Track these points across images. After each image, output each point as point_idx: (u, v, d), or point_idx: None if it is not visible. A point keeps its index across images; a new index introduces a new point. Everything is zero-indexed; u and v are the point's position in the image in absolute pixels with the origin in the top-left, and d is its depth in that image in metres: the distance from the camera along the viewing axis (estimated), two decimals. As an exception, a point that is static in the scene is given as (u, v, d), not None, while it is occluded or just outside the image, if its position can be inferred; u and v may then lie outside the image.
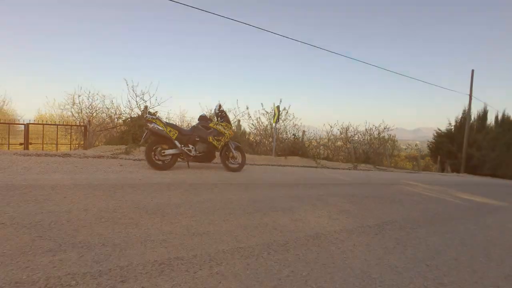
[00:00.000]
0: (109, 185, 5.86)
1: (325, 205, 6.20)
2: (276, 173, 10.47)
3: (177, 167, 9.02)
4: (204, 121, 9.49)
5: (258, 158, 14.25)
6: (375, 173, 15.04)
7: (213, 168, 9.61)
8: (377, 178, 12.56)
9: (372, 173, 15.15)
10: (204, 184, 6.96)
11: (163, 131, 8.41)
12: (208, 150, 9.16)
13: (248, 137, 18.48)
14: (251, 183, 7.75)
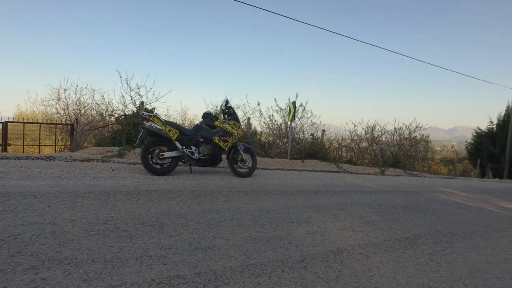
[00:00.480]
0: (100, 193, 5.87)
1: (348, 215, 6.15)
2: (292, 179, 10.44)
3: (178, 172, 9.02)
4: (209, 119, 9.49)
5: (271, 161, 14.23)
6: (405, 179, 14.93)
7: (219, 173, 9.59)
8: (407, 185, 12.47)
9: (402, 178, 15.05)
10: (208, 191, 6.95)
11: (161, 131, 8.40)
12: (214, 152, 9.16)
13: (259, 138, 18.47)
14: (263, 190, 7.72)
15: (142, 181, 7.35)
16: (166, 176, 8.22)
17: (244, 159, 9.73)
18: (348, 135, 22.00)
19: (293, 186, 8.88)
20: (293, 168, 13.51)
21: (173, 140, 8.55)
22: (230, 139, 9.44)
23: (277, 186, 8.65)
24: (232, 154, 9.65)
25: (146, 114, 8.51)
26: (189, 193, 6.51)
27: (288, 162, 14.84)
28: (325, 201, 7.33)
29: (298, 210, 6.09)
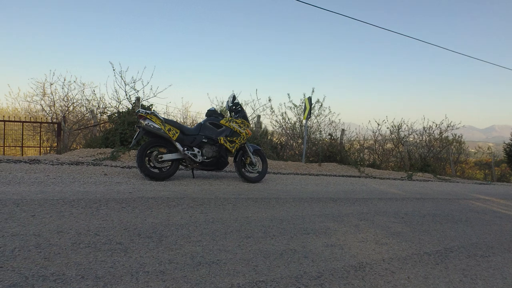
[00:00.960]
0: (90, 200, 5.88)
1: (371, 226, 6.12)
2: (307, 184, 10.43)
3: (179, 176, 9.03)
4: (213, 117, 9.49)
5: (283, 165, 14.23)
6: (435, 185, 14.85)
7: (225, 178, 9.59)
8: (437, 191, 12.40)
9: (432, 184, 14.97)
10: (213, 199, 6.94)
11: (160, 130, 8.39)
12: (219, 154, 9.15)
13: (270, 138, 18.47)
14: (275, 198, 7.71)
15: (138, 187, 7.36)
16: (165, 182, 8.23)
17: (254, 162, 9.74)
18: (371, 135, 21.95)
19: (309, 193, 8.87)
20: (308, 173, 13.49)
21: (173, 141, 8.54)
22: (238, 139, 9.43)
23: (291, 192, 8.64)
24: (240, 156, 9.65)
25: (142, 111, 8.47)
26: (191, 201, 6.52)
27: (303, 165, 14.83)
28: (345, 209, 7.30)
29: (314, 220, 6.07)
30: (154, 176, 8.28)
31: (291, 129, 18.91)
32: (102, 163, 9.72)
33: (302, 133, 18.17)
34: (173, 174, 8.58)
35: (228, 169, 11.01)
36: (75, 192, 6.32)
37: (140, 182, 7.82)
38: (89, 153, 11.12)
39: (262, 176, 9.83)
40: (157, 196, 6.63)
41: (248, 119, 9.90)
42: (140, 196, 6.46)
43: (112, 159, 10.53)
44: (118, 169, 9.08)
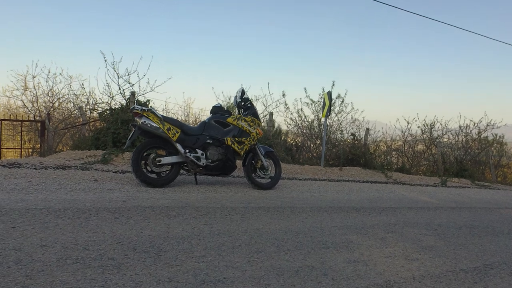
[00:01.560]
0: (79, 210, 5.89)
1: (399, 239, 6.10)
2: (326, 191, 10.43)
3: (180, 182, 9.04)
4: (219, 114, 9.48)
5: (299, 169, 14.22)
6: (473, 192, 14.77)
7: (232, 185, 9.60)
8: (476, 199, 12.36)
9: (469, 191, 14.88)
10: (219, 208, 6.95)
11: (158, 129, 8.38)
12: (226, 157, 9.15)
13: (285, 138, 18.47)
14: (289, 207, 7.71)
15: (134, 194, 7.38)
16: (164, 188, 8.25)
17: (265, 166, 9.73)
18: (399, 135, 21.78)
19: (328, 201, 8.86)
20: (328, 178, 13.48)
21: (173, 142, 8.54)
22: (247, 140, 9.41)
23: (308, 201, 8.64)
24: (249, 159, 9.66)
25: (138, 108, 8.48)
26: (194, 210, 6.52)
27: (322, 170, 14.82)
28: (370, 220, 7.29)
29: (334, 232, 6.06)
30: (152, 182, 8.30)
31: (308, 128, 18.90)
32: (92, 167, 9.75)
33: (320, 133, 18.13)
34: (173, 179, 8.60)
35: (236, 174, 11.02)
36: (61, 200, 6.35)
37: (135, 189, 7.84)
38: (77, 156, 11.16)
39: (275, 182, 9.84)
40: (155, 205, 6.65)
41: (259, 116, 9.89)
42: (135, 205, 6.47)
43: (104, 162, 10.56)
44: (110, 174, 9.11)
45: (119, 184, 8.15)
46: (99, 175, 8.83)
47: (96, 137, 12.92)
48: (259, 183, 9.58)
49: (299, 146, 18.49)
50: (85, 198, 6.66)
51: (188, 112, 19.02)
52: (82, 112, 16.13)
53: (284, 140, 18.22)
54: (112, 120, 12.77)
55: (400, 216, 7.98)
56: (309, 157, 17.97)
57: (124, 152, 11.42)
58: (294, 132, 19.14)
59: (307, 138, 18.89)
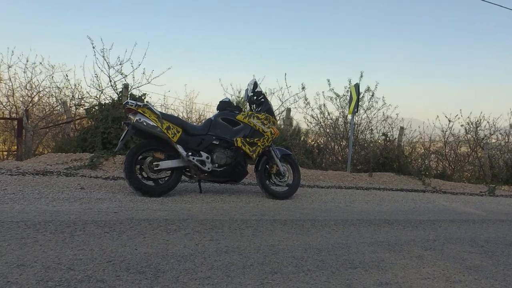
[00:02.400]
0: (62, 223, 5.89)
1: (439, 257, 6.06)
2: (354, 201, 10.42)
3: (181, 190, 9.05)
4: (228, 111, 9.48)
5: (322, 175, 14.22)
6: (530, 202, 14.67)
7: (243, 193, 9.60)
8: (533, 211, 12.25)
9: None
10: (227, 221, 6.94)
11: (156, 128, 8.35)
12: (235, 161, 9.13)
13: (304, 139, 18.45)
14: (310, 220, 7.69)
15: (127, 205, 7.39)
16: (162, 198, 8.26)
17: (282, 171, 9.70)
18: (439, 135, 21.60)
19: (356, 213, 8.84)
20: (355, 186, 13.49)
21: (174, 143, 8.52)
22: (261, 141, 9.37)
23: (331, 212, 8.62)
24: (263, 164, 9.64)
25: (132, 103, 8.44)
26: (197, 224, 6.51)
27: (349, 176, 14.80)
28: (405, 235, 7.26)
29: (363, 250, 6.03)
30: (148, 190, 8.29)
31: (332, 127, 18.87)
32: (77, 173, 9.78)
33: (346, 133, 18.09)
34: (173, 187, 8.61)
35: (247, 181, 11.02)
36: (41, 212, 6.35)
37: (128, 199, 7.85)
38: (60, 160, 11.18)
39: (293, 191, 9.83)
40: (152, 217, 6.64)
41: (274, 113, 9.87)
42: (128, 218, 6.47)
43: (92, 167, 10.58)
44: (100, 181, 9.13)
45: (109, 193, 8.16)
46: (86, 182, 8.85)
47: (83, 138, 12.93)
48: (275, 191, 9.57)
49: (321, 148, 18.48)
50: (69, 210, 6.67)
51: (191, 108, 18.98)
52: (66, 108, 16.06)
53: (304, 141, 18.21)
54: (102, 118, 12.78)
55: (440, 231, 7.94)
56: (333, 161, 17.96)
57: (115, 155, 11.44)
58: (316, 131, 19.13)
59: (331, 138, 18.87)
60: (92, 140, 12.47)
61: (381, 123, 18.81)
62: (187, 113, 18.53)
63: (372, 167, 16.52)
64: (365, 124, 18.70)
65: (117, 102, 13.28)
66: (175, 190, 8.90)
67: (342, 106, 18.52)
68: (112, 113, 12.71)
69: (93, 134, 12.63)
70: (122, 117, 12.38)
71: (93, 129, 12.79)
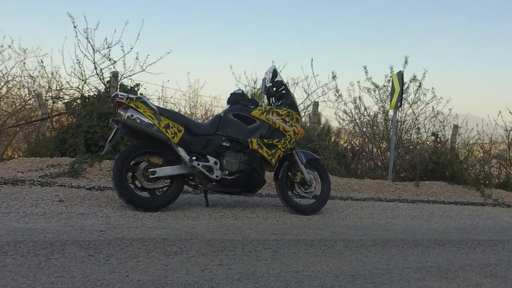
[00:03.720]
0: (37, 244, 5.89)
1: (502, 285, 6.02)
2: (396, 217, 10.43)
3: (183, 203, 9.05)
4: (241, 105, 9.43)
5: (357, 184, 14.23)
6: None
7: (260, 207, 9.60)
8: None
9: None
10: (240, 241, 6.93)
11: (152, 127, 8.29)
12: (250, 167, 9.07)
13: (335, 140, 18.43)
14: (343, 239, 7.67)
15: (116, 221, 7.38)
16: (160, 213, 8.24)
17: (308, 180, 9.64)
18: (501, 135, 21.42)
19: (399, 231, 8.82)
20: (398, 198, 13.47)
21: (174, 145, 8.48)
22: (282, 142, 9.29)
23: (369, 231, 8.61)
24: (284, 171, 9.58)
25: (123, 95, 8.36)
26: (203, 244, 6.50)
27: (390, 186, 14.78)
28: (459, 259, 7.23)
29: (408, 277, 6.00)
30: (143, 203, 8.25)
31: (370, 125, 18.85)
32: (55, 182, 9.80)
33: (387, 132, 18.06)
34: (174, 200, 8.59)
35: (264, 192, 11.02)
36: (10, 230, 6.36)
37: (118, 214, 7.85)
38: (34, 165, 11.18)
39: (321, 204, 9.81)
40: (147, 236, 6.62)
41: (298, 108, 9.85)
42: (118, 237, 6.45)
43: (73, 175, 10.59)
44: (82, 192, 9.15)
45: (94, 207, 8.17)
46: (66, 194, 8.87)
47: (62, 139, 12.94)
48: (299, 205, 9.56)
49: (356, 151, 18.42)
50: (45, 227, 6.67)
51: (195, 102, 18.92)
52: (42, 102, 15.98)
53: (335, 142, 18.19)
54: (85, 114, 12.76)
55: (503, 254, 7.91)
56: (370, 167, 17.94)
57: (102, 160, 11.45)
58: (349, 130, 19.11)
59: (368, 139, 18.86)
60: (73, 142, 12.48)
61: (430, 121, 18.76)
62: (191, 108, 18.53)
63: (419, 174, 16.48)
64: (411, 121, 18.69)
65: (104, 94, 13.28)
66: (176, 203, 8.89)
67: (382, 100, 18.51)
68: (98, 108, 12.68)
69: (74, 134, 12.63)
70: (110, 113, 12.36)
71: (74, 127, 12.78)
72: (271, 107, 9.48)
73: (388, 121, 18.14)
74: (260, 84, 10.23)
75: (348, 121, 18.88)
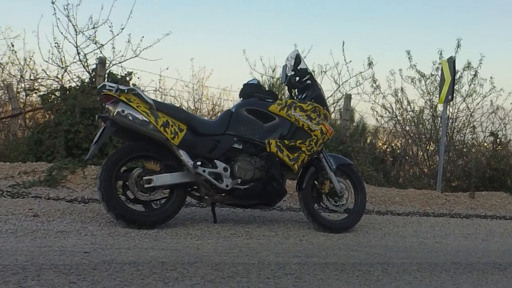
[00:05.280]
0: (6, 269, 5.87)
1: None
2: (447, 235, 10.38)
3: (185, 219, 9.03)
4: (255, 98, 9.31)
5: (398, 195, 14.17)
6: None
7: (279, 223, 9.57)
8: None
9: None
10: (255, 264, 6.88)
11: (147, 125, 8.17)
12: (268, 174, 8.96)
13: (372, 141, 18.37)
14: (381, 263, 7.62)
15: (103, 241, 7.35)
16: (158, 230, 8.20)
17: (338, 190, 9.54)
18: None
19: (451, 253, 8.76)
20: (449, 212, 13.41)
21: (174, 147, 8.38)
22: (306, 144, 9.15)
23: (414, 252, 8.55)
24: (309, 179, 9.49)
25: (112, 87, 8.21)
26: (210, 269, 6.47)
27: (439, 197, 14.72)
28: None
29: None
30: (136, 219, 8.17)
31: (414, 123, 18.76)
32: (29, 193, 9.80)
33: (436, 131, 17.96)
34: (174, 214, 8.53)
35: (285, 205, 11.00)
36: (-25, 251, 6.36)
37: (106, 231, 7.82)
38: (3, 172, 11.18)
39: (355, 219, 9.73)
40: (142, 259, 6.57)
41: (326, 102, 9.80)
42: (106, 260, 6.41)
43: (50, 184, 10.55)
44: (62, 205, 9.13)
45: (77, 223, 8.14)
46: (42, 207, 8.86)
47: (37, 139, 12.89)
48: (327, 220, 9.52)
49: (397, 155, 18.36)
50: (17, 248, 6.64)
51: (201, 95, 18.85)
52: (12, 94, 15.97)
53: (372, 144, 18.16)
54: (65, 109, 12.71)
55: None
56: (415, 174, 17.90)
57: (86, 165, 11.42)
58: (389, 129, 19.05)
59: (412, 140, 18.79)
60: (51, 143, 12.44)
61: (488, 117, 18.68)
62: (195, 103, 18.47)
63: (474, 183, 16.38)
64: (464, 118, 18.60)
65: (88, 85, 13.25)
66: (177, 218, 8.84)
67: (429, 92, 18.44)
68: (81, 102, 12.60)
69: (52, 133, 12.58)
70: (96, 108, 12.34)
71: (52, 126, 12.74)
72: (293, 100, 9.39)
73: (436, 118, 18.07)
74: (280, 72, 10.18)
75: (387, 118, 18.85)
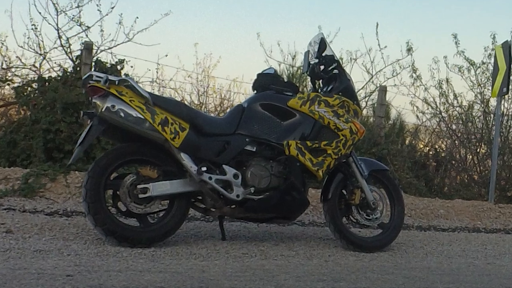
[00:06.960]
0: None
1: None
2: (501, 255, 10.36)
3: (188, 235, 9.02)
4: (272, 91, 9.22)
5: (443, 207, 14.13)
6: None
7: (300, 240, 9.57)
8: None
9: None
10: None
11: (142, 123, 8.09)
12: (287, 182, 8.89)
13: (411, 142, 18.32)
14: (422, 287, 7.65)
15: (90, 261, 7.33)
16: (156, 249, 8.17)
17: (371, 201, 9.46)
18: None
19: (506, 277, 8.71)
20: (504, 227, 13.39)
21: (175, 150, 8.31)
22: (333, 146, 9.05)
23: (461, 275, 8.50)
24: (337, 187, 9.42)
25: (100, 77, 8.10)
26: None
27: (492, 209, 14.68)
28: None
29: None
30: (129, 235, 8.12)
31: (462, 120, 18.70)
32: (1, 204, 9.80)
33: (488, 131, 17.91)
34: (175, 230, 8.47)
35: (307, 218, 10.99)
36: None
37: (93, 251, 7.82)
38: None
39: (391, 236, 9.68)
40: (136, 283, 6.53)
41: (357, 96, 9.77)
42: (93, 285, 6.38)
43: (26, 193, 10.55)
44: (41, 219, 9.14)
45: (58, 240, 8.13)
46: (17, 221, 8.86)
47: (10, 140, 12.90)
48: (358, 237, 9.50)
49: (442, 159, 18.33)
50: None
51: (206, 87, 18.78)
52: (-20, 87, 16.15)
53: (411, 145, 18.12)
54: (44, 104, 12.69)
55: None
56: (463, 181, 17.87)
57: (69, 171, 11.40)
58: (432, 128, 18.99)
59: (460, 141, 18.74)
60: (27, 145, 12.44)
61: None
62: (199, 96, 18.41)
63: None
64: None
65: (72, 75, 13.23)
66: (177, 234, 8.84)
67: (480, 83, 18.38)
68: (63, 95, 12.57)
69: (28, 133, 12.58)
70: (81, 102, 12.31)
71: (28, 124, 12.73)
72: (317, 94, 9.28)
73: (489, 115, 18.02)
74: (301, 60, 10.16)
75: (430, 115, 18.81)
